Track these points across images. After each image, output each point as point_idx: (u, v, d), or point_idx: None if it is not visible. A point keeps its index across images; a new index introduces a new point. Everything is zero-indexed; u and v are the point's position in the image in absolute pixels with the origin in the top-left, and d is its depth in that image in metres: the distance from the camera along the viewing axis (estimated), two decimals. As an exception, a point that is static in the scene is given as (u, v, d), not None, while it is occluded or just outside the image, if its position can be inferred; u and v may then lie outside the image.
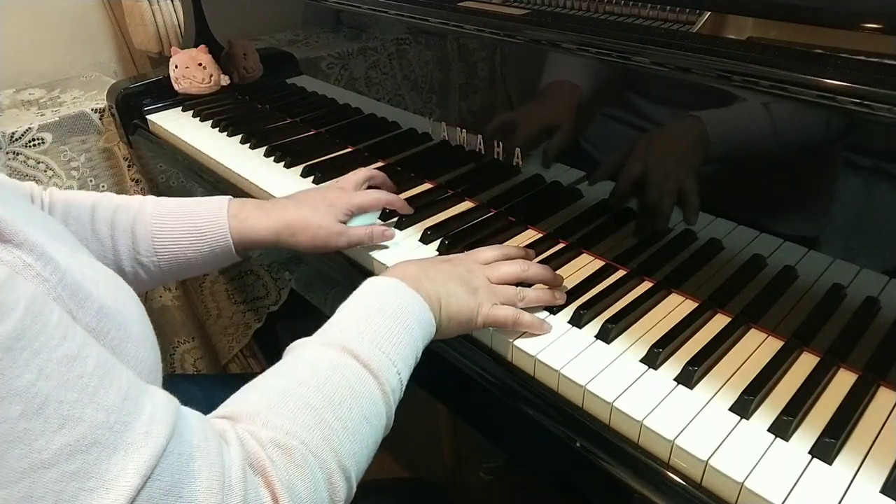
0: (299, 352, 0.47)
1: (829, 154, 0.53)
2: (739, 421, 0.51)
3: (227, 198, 0.70)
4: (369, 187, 0.80)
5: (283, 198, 0.75)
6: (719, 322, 0.61)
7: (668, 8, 0.66)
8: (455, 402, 0.71)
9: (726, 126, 0.58)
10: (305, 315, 0.53)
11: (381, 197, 0.77)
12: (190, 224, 0.67)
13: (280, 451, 0.39)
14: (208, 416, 0.41)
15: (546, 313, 0.63)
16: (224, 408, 0.42)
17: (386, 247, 0.76)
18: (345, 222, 0.72)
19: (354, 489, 0.43)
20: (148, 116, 1.19)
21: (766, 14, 0.60)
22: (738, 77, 0.54)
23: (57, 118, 1.18)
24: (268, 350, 1.50)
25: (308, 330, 0.51)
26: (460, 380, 0.63)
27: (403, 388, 0.50)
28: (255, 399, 0.42)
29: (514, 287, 0.62)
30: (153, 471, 0.32)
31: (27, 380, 0.29)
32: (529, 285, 0.64)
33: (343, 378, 0.45)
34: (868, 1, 0.57)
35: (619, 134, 0.68)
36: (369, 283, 0.55)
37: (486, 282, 0.61)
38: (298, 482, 0.38)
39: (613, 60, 0.63)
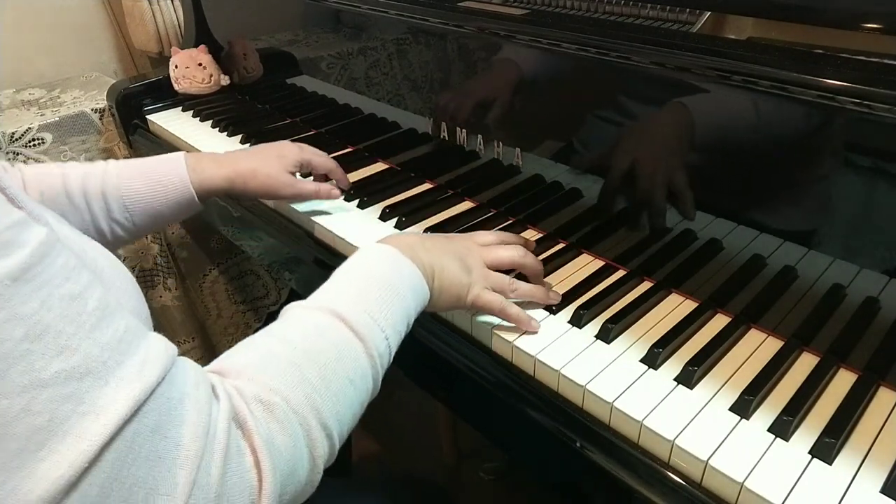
0: (291, 314, 0.49)
1: (829, 154, 0.53)
2: (739, 421, 0.51)
3: (182, 153, 0.75)
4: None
5: (237, 151, 0.81)
6: (719, 322, 0.61)
7: (668, 8, 0.66)
8: (455, 402, 0.71)
9: (726, 126, 0.58)
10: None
11: (330, 161, 0.84)
12: (154, 182, 0.72)
13: (262, 406, 0.41)
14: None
15: (546, 313, 0.63)
16: (216, 363, 0.45)
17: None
18: (294, 174, 0.79)
19: (337, 447, 0.45)
20: (148, 116, 1.19)
21: (766, 14, 0.60)
22: (738, 77, 0.54)
23: (57, 118, 1.18)
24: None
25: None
26: (460, 379, 0.64)
27: (392, 353, 0.51)
28: (244, 356, 0.45)
29: (507, 277, 0.62)
30: (142, 406, 0.34)
31: (31, 307, 0.32)
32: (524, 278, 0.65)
33: (329, 341, 0.47)
34: (868, 1, 0.57)
35: (619, 133, 0.68)
36: (365, 249, 0.56)
37: (481, 264, 0.62)
38: (277, 436, 0.40)
39: (613, 60, 0.63)
